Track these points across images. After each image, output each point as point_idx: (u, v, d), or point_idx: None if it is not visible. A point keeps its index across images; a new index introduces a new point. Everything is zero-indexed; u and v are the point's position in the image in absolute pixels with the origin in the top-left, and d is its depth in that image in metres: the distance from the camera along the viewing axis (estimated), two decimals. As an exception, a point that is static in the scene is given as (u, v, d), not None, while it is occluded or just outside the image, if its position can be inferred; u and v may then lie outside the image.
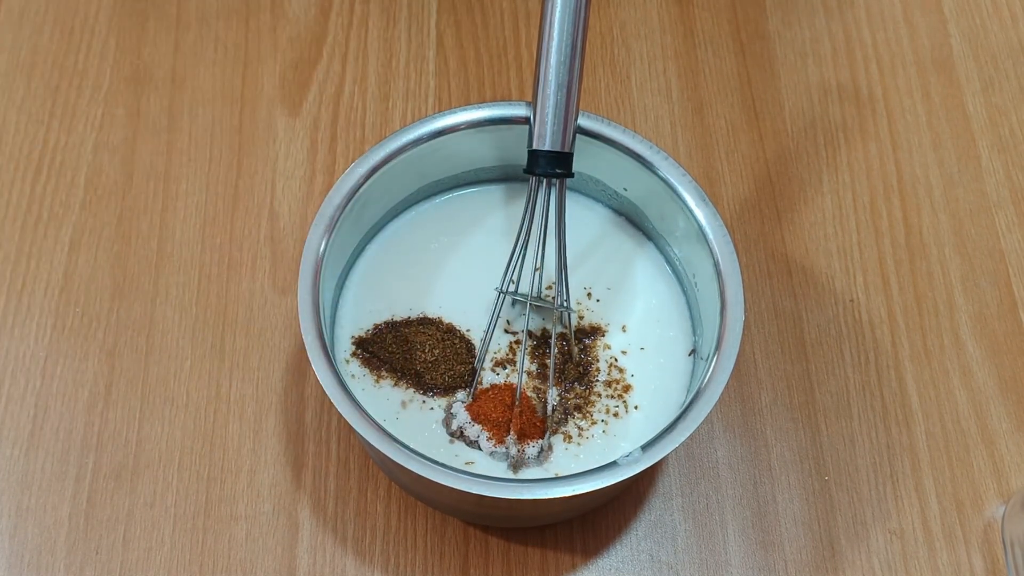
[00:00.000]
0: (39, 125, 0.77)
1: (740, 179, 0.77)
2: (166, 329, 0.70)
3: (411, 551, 0.65)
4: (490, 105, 0.65)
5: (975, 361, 0.71)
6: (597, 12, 0.83)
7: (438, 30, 0.82)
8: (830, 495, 0.67)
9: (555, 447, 0.62)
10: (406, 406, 0.63)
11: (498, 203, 0.69)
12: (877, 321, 0.72)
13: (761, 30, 0.83)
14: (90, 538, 0.64)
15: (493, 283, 0.64)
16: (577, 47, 0.59)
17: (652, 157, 0.64)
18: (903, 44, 0.82)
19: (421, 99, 0.79)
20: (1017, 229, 0.75)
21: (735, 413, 0.69)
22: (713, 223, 0.62)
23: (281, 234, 0.74)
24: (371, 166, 0.63)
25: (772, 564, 0.65)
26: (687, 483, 0.67)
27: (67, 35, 0.81)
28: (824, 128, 0.79)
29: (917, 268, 0.74)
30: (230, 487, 0.66)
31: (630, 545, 0.65)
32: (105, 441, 0.67)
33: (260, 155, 0.76)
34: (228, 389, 0.69)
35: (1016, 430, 0.69)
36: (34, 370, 0.69)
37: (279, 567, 0.64)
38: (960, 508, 0.67)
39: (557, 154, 0.60)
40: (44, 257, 0.72)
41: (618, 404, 0.63)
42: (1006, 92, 0.81)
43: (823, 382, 0.70)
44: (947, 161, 0.78)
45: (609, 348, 0.65)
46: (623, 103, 0.80)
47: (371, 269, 0.67)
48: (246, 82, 0.79)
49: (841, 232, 0.75)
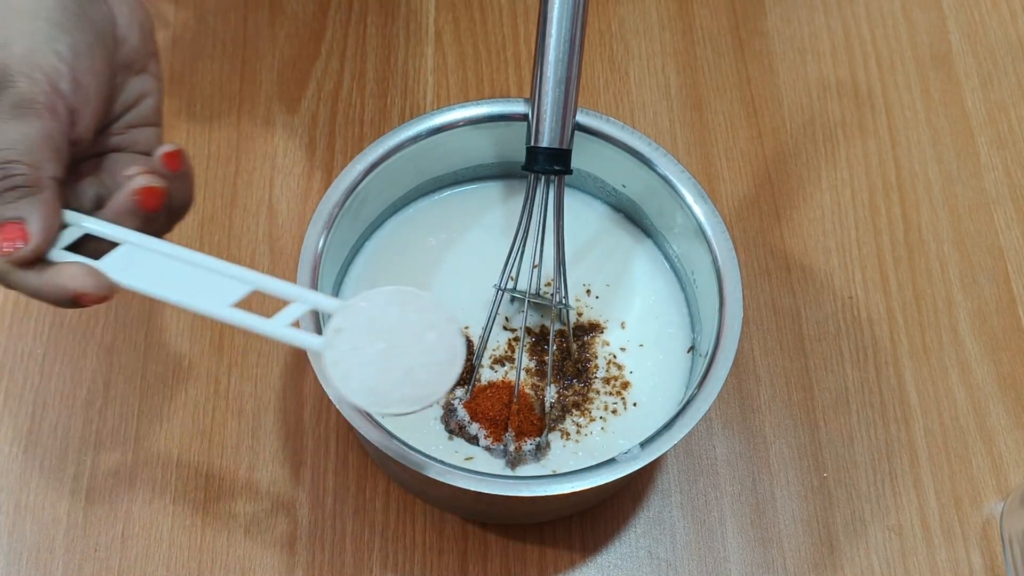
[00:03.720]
0: (37, 122, 0.77)
1: (739, 176, 0.77)
2: (164, 326, 0.70)
3: (410, 548, 0.65)
4: (488, 102, 0.65)
5: (974, 358, 0.71)
6: (596, 8, 0.83)
7: (436, 27, 0.82)
8: (829, 492, 0.67)
9: (553, 444, 0.62)
10: (405, 403, 0.63)
11: (496, 200, 0.69)
12: (876, 318, 0.72)
13: (760, 27, 0.83)
14: (89, 535, 0.64)
15: (491, 280, 0.64)
16: (576, 44, 0.59)
17: (651, 154, 0.64)
18: (902, 40, 0.82)
19: (419, 96, 0.79)
20: (1016, 225, 0.75)
21: (734, 410, 0.69)
22: (712, 220, 0.62)
23: (280, 231, 0.74)
24: (370, 163, 0.63)
25: (771, 561, 0.65)
26: (686, 480, 0.67)
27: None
28: (823, 125, 0.79)
29: (916, 265, 0.74)
30: (229, 484, 0.66)
31: (629, 542, 0.65)
32: (104, 438, 0.67)
33: (258, 152, 0.76)
34: (227, 387, 0.69)
35: (1015, 427, 0.69)
36: (32, 367, 0.69)
37: (278, 564, 0.64)
38: (959, 504, 0.67)
39: (556, 151, 0.60)
40: (42, 254, 0.72)
41: (617, 401, 0.63)
42: (1005, 88, 0.81)
43: (822, 379, 0.70)
44: (946, 158, 0.78)
45: (608, 345, 0.65)
46: (622, 100, 0.80)
47: (370, 266, 0.67)
48: (244, 79, 0.79)
49: (840, 229, 0.75)
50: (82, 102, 0.49)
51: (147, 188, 0.49)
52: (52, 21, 0.49)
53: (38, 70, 0.48)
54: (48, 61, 0.48)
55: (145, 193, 0.49)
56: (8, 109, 0.47)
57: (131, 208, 0.49)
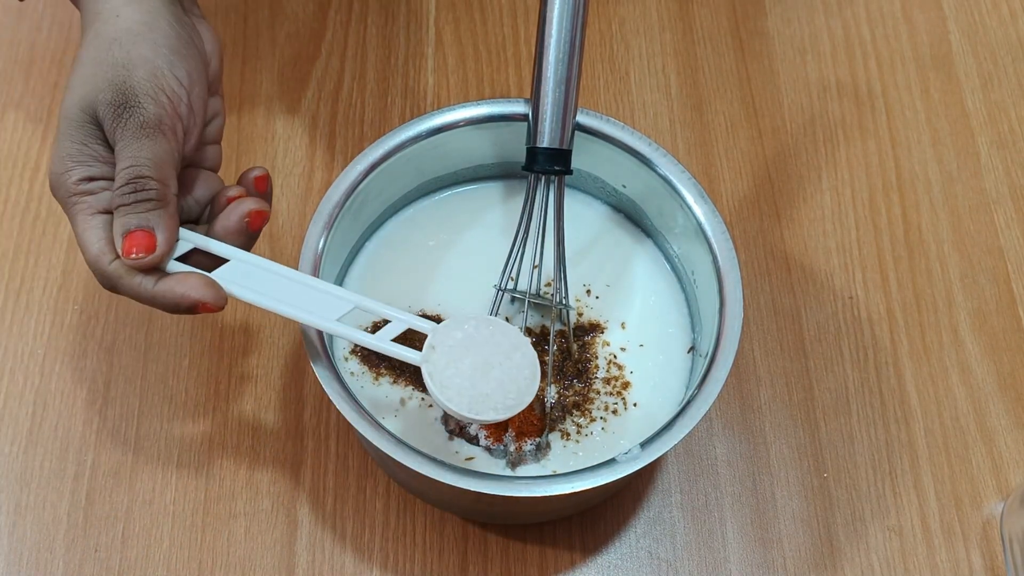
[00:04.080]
0: (38, 122, 0.77)
1: (739, 176, 0.77)
2: (165, 326, 0.70)
3: (410, 548, 0.65)
4: (489, 102, 0.65)
5: (974, 358, 0.71)
6: (596, 9, 0.83)
7: (437, 27, 0.82)
8: (829, 492, 0.67)
9: (553, 444, 0.62)
10: (405, 403, 0.63)
11: (497, 200, 0.69)
12: (876, 318, 0.72)
13: (760, 27, 0.83)
14: (89, 535, 0.64)
15: (492, 280, 0.64)
16: (576, 44, 0.59)
17: (651, 154, 0.64)
18: (902, 41, 0.82)
19: (420, 96, 0.79)
20: (1016, 226, 0.75)
21: (734, 410, 0.69)
22: (712, 220, 0.62)
23: (280, 231, 0.74)
24: (370, 163, 0.63)
25: (771, 561, 0.65)
26: (686, 480, 0.67)
27: (65, 32, 0.81)
28: (823, 125, 0.79)
29: (916, 265, 0.74)
30: (229, 484, 0.66)
31: (629, 542, 0.65)
32: (104, 438, 0.67)
33: (259, 152, 0.76)
34: (227, 386, 0.68)
35: (1015, 427, 0.69)
36: (33, 367, 0.69)
37: (278, 564, 0.64)
38: (959, 505, 0.67)
39: (556, 151, 0.60)
40: (43, 254, 0.72)
41: (617, 401, 0.63)
42: (1005, 89, 0.81)
43: (822, 379, 0.70)
44: (946, 158, 0.78)
45: (608, 345, 0.65)
46: (622, 100, 0.80)
47: (370, 266, 0.67)
48: (244, 79, 0.79)
49: (840, 229, 0.75)
50: (192, 125, 0.54)
51: (256, 211, 0.54)
52: (170, 47, 0.53)
53: (163, 94, 0.52)
54: (170, 86, 0.52)
55: (254, 215, 0.54)
56: (136, 128, 0.51)
57: (241, 228, 0.54)
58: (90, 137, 0.52)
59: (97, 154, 0.52)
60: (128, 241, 0.51)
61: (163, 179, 0.52)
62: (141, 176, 0.51)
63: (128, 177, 0.51)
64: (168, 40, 0.54)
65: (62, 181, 0.52)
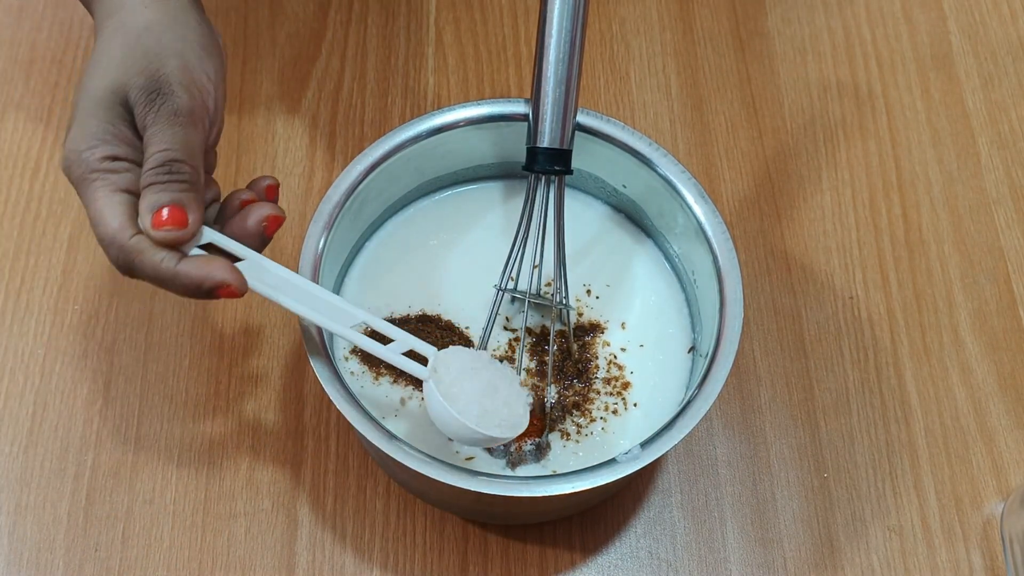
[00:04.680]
0: (38, 122, 0.77)
1: (739, 176, 0.77)
2: (165, 326, 0.70)
3: (410, 548, 0.65)
4: (489, 102, 0.65)
5: (974, 358, 0.71)
6: (596, 9, 0.83)
7: (437, 27, 0.82)
8: (829, 492, 0.67)
9: (553, 444, 0.62)
10: (405, 403, 0.63)
11: (497, 200, 0.69)
12: (876, 318, 0.72)
13: (761, 27, 0.83)
14: (89, 535, 0.64)
15: (492, 280, 0.64)
16: (576, 44, 0.59)
17: (651, 154, 0.64)
18: (903, 41, 0.82)
19: (420, 96, 0.79)
20: (1016, 226, 0.75)
21: (734, 410, 0.69)
22: (712, 220, 0.62)
23: (280, 231, 0.73)
24: (370, 163, 0.63)
25: (771, 561, 0.65)
26: (686, 480, 0.67)
27: (66, 32, 0.81)
28: (823, 125, 0.79)
29: (916, 265, 0.74)
30: (229, 484, 0.66)
31: (629, 542, 0.65)
32: (104, 438, 0.67)
33: (259, 152, 0.76)
34: (227, 386, 0.68)
35: (1015, 427, 0.69)
36: (33, 367, 0.69)
37: (278, 564, 0.64)
38: (959, 505, 0.67)
39: (556, 151, 0.60)
40: (43, 254, 0.72)
41: (617, 401, 0.63)
42: (1005, 88, 0.81)
43: (822, 379, 0.70)
44: (946, 158, 0.78)
45: (608, 345, 0.65)
46: (622, 100, 0.80)
47: (370, 266, 0.67)
48: (244, 79, 0.79)
49: (840, 229, 0.75)
50: (213, 121, 0.55)
51: (273, 216, 0.55)
52: (200, 44, 0.55)
53: (195, 86, 0.53)
54: (200, 79, 0.54)
55: (271, 220, 0.55)
56: (169, 115, 0.52)
57: (258, 232, 0.55)
58: (118, 119, 0.52)
59: (124, 135, 0.52)
60: (159, 216, 0.50)
61: (195, 165, 0.52)
62: (175, 159, 0.51)
63: (162, 160, 0.51)
64: (197, 37, 0.55)
65: (84, 158, 0.51)
